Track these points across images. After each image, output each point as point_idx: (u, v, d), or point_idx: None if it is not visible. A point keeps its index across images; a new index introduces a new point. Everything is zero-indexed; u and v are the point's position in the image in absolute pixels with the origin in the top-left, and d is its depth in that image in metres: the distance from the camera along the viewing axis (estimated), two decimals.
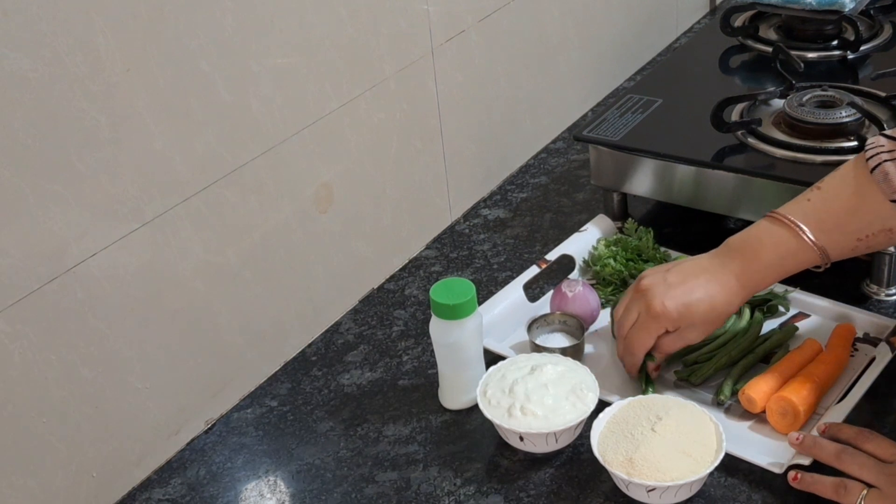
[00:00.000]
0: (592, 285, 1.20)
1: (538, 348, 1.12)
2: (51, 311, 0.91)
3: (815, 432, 0.96)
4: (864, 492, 0.88)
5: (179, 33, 0.95)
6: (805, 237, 0.97)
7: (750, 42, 1.54)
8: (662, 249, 1.23)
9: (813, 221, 0.97)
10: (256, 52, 1.04)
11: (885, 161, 0.94)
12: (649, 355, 1.04)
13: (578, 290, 1.15)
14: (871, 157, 0.95)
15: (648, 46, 1.84)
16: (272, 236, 1.12)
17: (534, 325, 1.15)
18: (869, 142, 0.97)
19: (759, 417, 1.02)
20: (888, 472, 0.89)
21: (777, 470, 0.94)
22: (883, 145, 0.95)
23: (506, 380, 1.03)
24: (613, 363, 1.11)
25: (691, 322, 1.00)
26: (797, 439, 0.95)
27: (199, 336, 1.07)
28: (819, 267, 1.00)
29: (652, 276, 1.03)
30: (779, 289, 1.16)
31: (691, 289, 1.00)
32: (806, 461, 0.94)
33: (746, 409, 1.02)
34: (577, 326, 1.14)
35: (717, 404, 1.04)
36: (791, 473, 0.93)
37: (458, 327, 1.03)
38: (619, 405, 1.00)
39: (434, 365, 1.11)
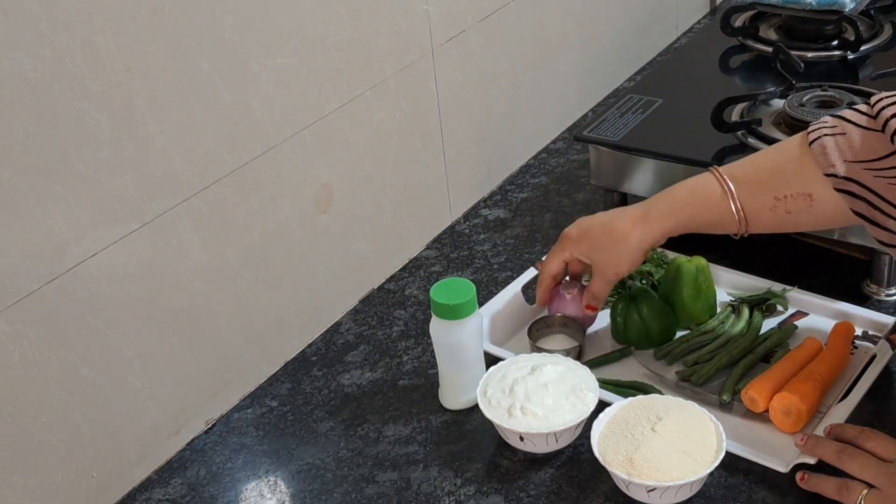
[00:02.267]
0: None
1: (538, 350, 1.12)
2: (51, 311, 0.91)
3: (820, 433, 0.96)
4: (865, 492, 0.88)
5: (179, 33, 0.95)
6: (722, 180, 0.99)
7: (750, 42, 1.54)
8: (659, 250, 1.23)
9: (737, 171, 0.99)
10: (256, 52, 1.04)
11: (825, 135, 0.95)
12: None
13: (576, 293, 1.15)
14: (812, 131, 0.96)
15: (648, 46, 1.84)
16: (272, 236, 1.12)
17: (534, 327, 1.15)
18: (816, 121, 0.98)
19: (762, 417, 1.02)
20: (888, 472, 0.89)
21: (782, 469, 0.94)
22: (826, 121, 0.96)
23: (506, 380, 1.03)
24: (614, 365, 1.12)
25: (589, 244, 1.05)
26: (801, 440, 0.95)
27: (199, 336, 1.07)
28: (737, 235, 1.00)
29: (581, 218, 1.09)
30: (777, 288, 1.16)
31: (599, 216, 1.06)
32: (812, 460, 0.94)
33: (749, 408, 1.02)
34: (578, 328, 1.14)
35: (720, 404, 1.04)
36: (798, 474, 0.93)
37: (458, 327, 1.03)
38: (619, 405, 1.00)
39: (434, 365, 1.11)
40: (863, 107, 0.96)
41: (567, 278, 1.22)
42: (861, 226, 0.95)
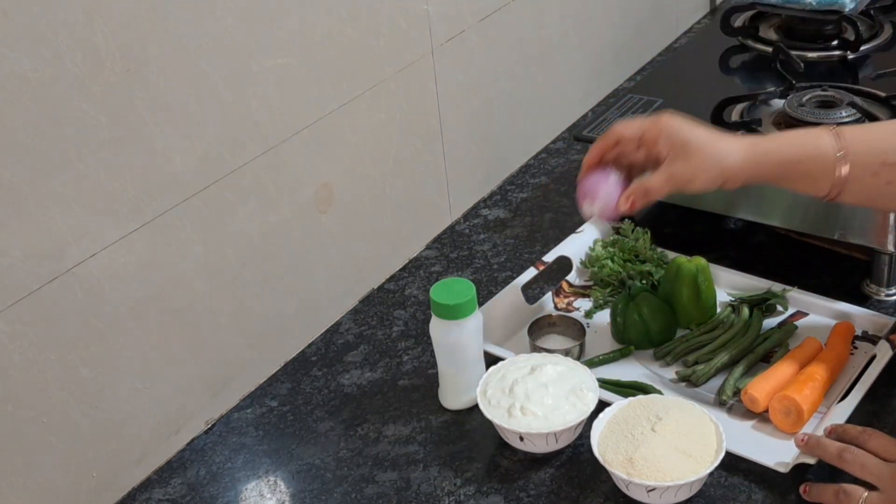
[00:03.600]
0: (590, 287, 1.20)
1: (538, 350, 1.12)
2: (51, 311, 0.91)
3: (820, 433, 0.96)
4: (865, 494, 0.88)
5: (179, 33, 0.95)
6: (839, 136, 0.94)
7: (750, 42, 1.54)
8: (659, 250, 1.23)
9: (854, 131, 0.96)
10: (256, 52, 1.04)
11: None
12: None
13: (616, 178, 1.03)
14: None
15: (648, 46, 1.84)
16: (272, 236, 1.12)
17: (534, 326, 1.15)
18: None
19: (762, 417, 1.02)
20: (890, 473, 0.89)
21: (782, 469, 0.94)
22: None
23: (506, 380, 1.03)
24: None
25: (686, 140, 0.96)
26: (802, 440, 0.95)
27: (199, 336, 1.07)
28: (826, 197, 0.96)
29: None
30: (777, 288, 1.16)
31: (698, 127, 0.98)
32: (812, 461, 0.94)
33: (749, 408, 1.02)
34: (578, 327, 1.14)
35: (720, 404, 1.04)
36: (802, 486, 0.92)
37: (458, 327, 1.03)
38: (619, 405, 1.00)
39: (434, 365, 1.11)
40: None
41: (567, 277, 1.22)
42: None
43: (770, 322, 1.15)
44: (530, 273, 1.22)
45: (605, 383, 1.06)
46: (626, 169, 1.03)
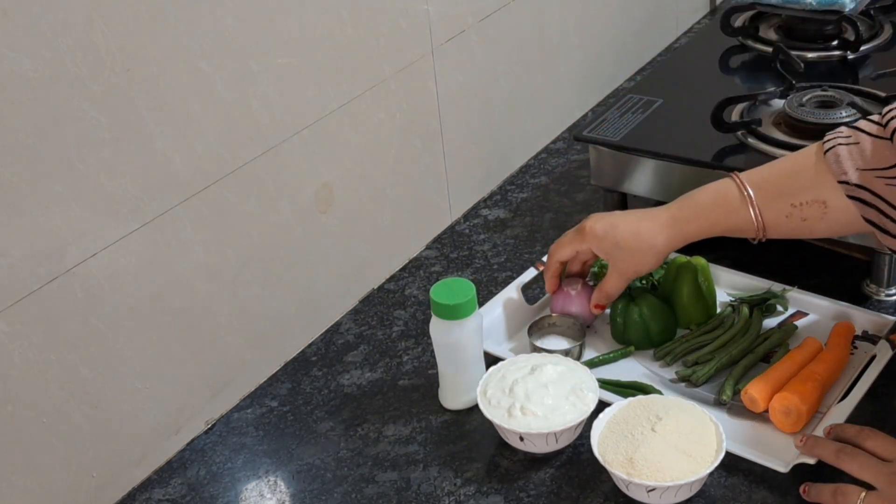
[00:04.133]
0: (592, 286, 1.20)
1: (538, 350, 1.12)
2: (51, 311, 0.91)
3: (820, 433, 0.96)
4: (863, 495, 0.88)
5: (179, 33, 0.95)
6: (743, 188, 1.01)
7: (750, 42, 1.54)
8: None
9: (756, 178, 1.02)
10: (256, 52, 1.04)
11: (840, 144, 0.97)
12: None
13: (579, 289, 1.15)
14: (827, 140, 0.99)
15: (648, 46, 1.84)
16: (272, 236, 1.12)
17: (534, 326, 1.15)
18: (833, 130, 1.01)
19: (762, 417, 1.02)
20: (888, 472, 0.89)
21: (782, 469, 0.94)
22: (842, 131, 0.99)
23: (506, 380, 1.03)
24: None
25: (614, 241, 1.07)
26: (800, 440, 0.95)
27: (199, 336, 1.07)
28: (754, 239, 1.03)
29: (599, 213, 1.11)
30: (777, 288, 1.16)
31: (623, 216, 1.09)
32: (811, 461, 0.94)
33: (749, 408, 1.02)
34: (578, 328, 1.14)
35: (720, 404, 1.04)
36: (802, 487, 0.93)
37: (458, 327, 1.03)
38: (619, 405, 1.00)
39: (434, 365, 1.11)
40: (876, 117, 0.99)
41: (569, 275, 1.22)
42: (872, 234, 0.97)
43: (770, 322, 1.15)
44: (530, 273, 1.22)
45: (605, 383, 1.06)
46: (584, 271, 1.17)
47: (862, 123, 0.99)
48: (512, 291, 1.20)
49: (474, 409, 1.06)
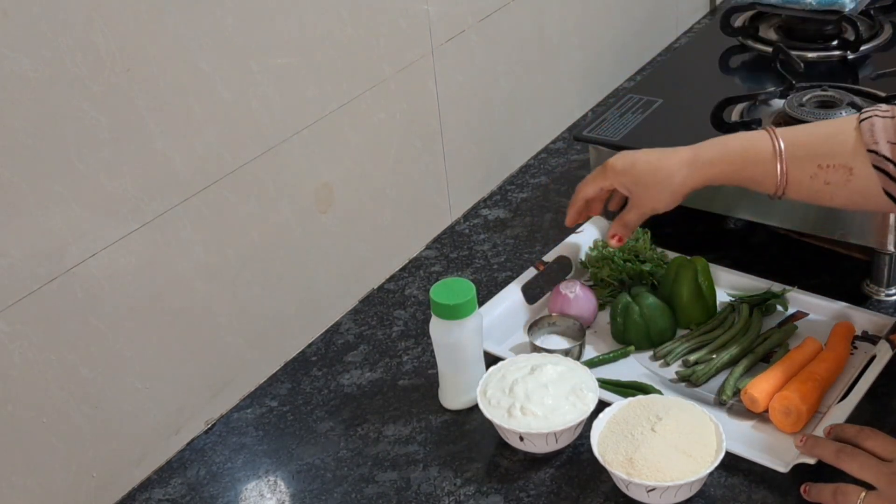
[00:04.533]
0: (590, 286, 1.20)
1: (538, 350, 1.12)
2: (51, 311, 0.91)
3: (820, 433, 0.96)
4: (863, 495, 0.88)
5: (179, 33, 0.95)
6: (775, 138, 1.01)
7: (750, 42, 1.54)
8: (659, 250, 1.23)
9: (789, 135, 1.02)
10: (256, 52, 1.04)
11: (876, 116, 0.98)
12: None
13: (577, 291, 1.15)
14: (866, 111, 1.00)
15: (648, 46, 1.84)
16: (272, 236, 1.12)
17: (534, 326, 1.15)
18: (872, 105, 1.01)
19: (762, 417, 1.02)
20: (888, 472, 0.89)
21: (782, 469, 0.94)
22: (881, 106, 1.00)
23: (506, 380, 1.03)
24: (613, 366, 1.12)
25: (633, 177, 1.08)
26: (800, 440, 0.95)
27: (199, 336, 1.07)
28: (773, 196, 1.03)
29: (623, 152, 1.12)
30: (777, 288, 1.16)
31: (646, 152, 1.09)
32: (811, 461, 0.94)
33: (749, 408, 1.02)
34: (577, 328, 1.14)
35: (720, 404, 1.04)
36: (802, 487, 0.93)
37: (458, 327, 1.03)
38: (619, 405, 1.00)
39: (434, 365, 1.11)
40: None
41: (567, 277, 1.22)
42: (889, 210, 0.99)
43: (770, 322, 1.15)
44: (530, 273, 1.22)
45: (604, 383, 1.06)
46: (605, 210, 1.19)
47: None
48: (512, 291, 1.20)
49: (474, 409, 1.06)
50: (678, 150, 1.07)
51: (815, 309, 1.15)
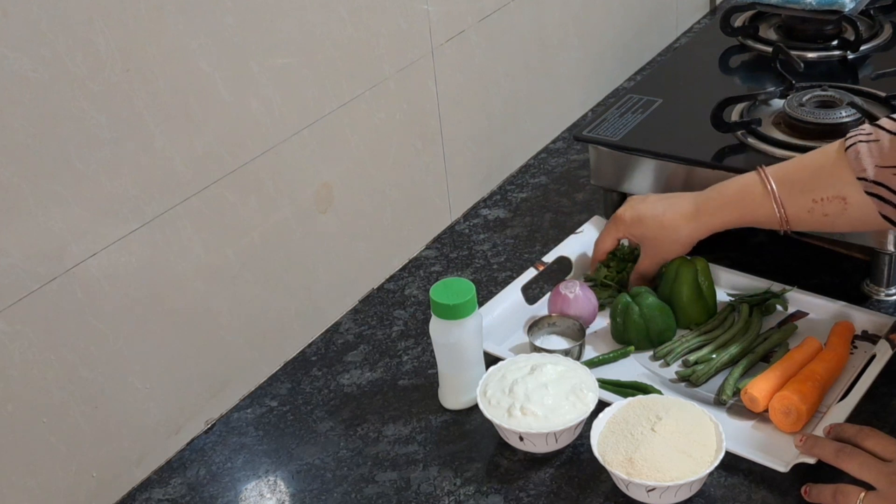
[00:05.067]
0: (590, 286, 1.20)
1: (538, 350, 1.12)
2: (51, 311, 0.91)
3: (820, 432, 0.96)
4: (862, 495, 0.88)
5: (179, 33, 0.95)
6: (767, 182, 1.05)
7: (750, 42, 1.54)
8: None
9: (780, 173, 1.05)
10: (256, 52, 1.04)
11: (860, 142, 0.99)
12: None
13: (577, 292, 1.15)
14: (850, 137, 1.01)
15: (648, 46, 1.84)
16: (272, 236, 1.12)
17: (534, 326, 1.15)
18: (856, 128, 1.03)
19: (762, 416, 1.02)
20: (888, 472, 0.89)
21: (782, 469, 0.94)
22: (864, 129, 1.01)
23: (506, 380, 1.03)
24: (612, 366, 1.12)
25: (642, 232, 1.14)
26: (800, 440, 0.95)
27: (199, 336, 1.07)
28: (782, 231, 1.06)
29: (636, 197, 1.17)
30: (777, 288, 1.16)
31: (652, 204, 1.14)
32: (811, 461, 0.94)
33: (749, 408, 1.02)
34: (577, 328, 1.14)
35: (720, 404, 1.04)
36: (803, 488, 0.93)
37: (458, 327, 1.03)
38: (618, 405, 1.00)
39: (434, 365, 1.11)
40: None
41: (567, 278, 1.23)
42: (889, 230, 1.01)
43: (770, 322, 1.15)
44: (530, 273, 1.22)
45: (604, 383, 1.06)
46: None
47: (884, 121, 1.00)
48: (512, 291, 1.20)
49: (474, 409, 1.06)
50: (681, 202, 1.12)
51: (815, 309, 1.15)
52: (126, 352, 0.99)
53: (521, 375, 1.03)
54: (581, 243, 1.27)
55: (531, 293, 1.22)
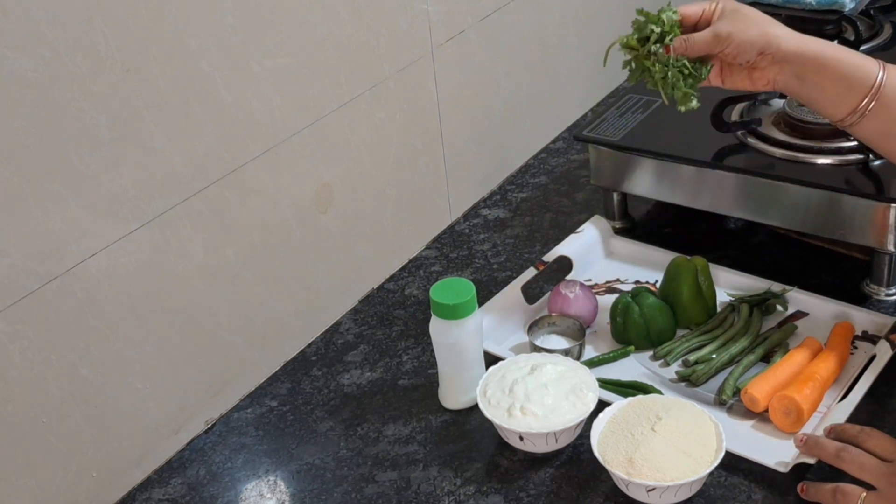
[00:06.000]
0: (590, 285, 1.20)
1: (538, 350, 1.12)
2: (51, 311, 0.91)
3: (820, 433, 0.96)
4: (863, 495, 0.88)
5: (179, 33, 0.95)
6: (881, 63, 0.97)
7: None
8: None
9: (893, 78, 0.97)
10: (256, 52, 1.04)
11: None
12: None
13: (577, 292, 1.15)
14: None
15: None
16: (272, 236, 1.12)
17: (534, 326, 1.15)
18: None
19: (762, 416, 1.02)
20: (888, 472, 0.89)
21: (782, 469, 0.94)
22: None
23: (506, 380, 1.03)
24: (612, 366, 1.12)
25: (734, 10, 1.00)
26: (800, 440, 0.95)
27: (199, 336, 1.07)
28: (846, 116, 0.97)
29: None
30: (777, 288, 1.16)
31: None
32: (811, 460, 0.94)
33: (749, 408, 1.02)
34: (577, 328, 1.14)
35: (720, 404, 1.04)
36: (799, 486, 0.93)
37: (458, 327, 1.03)
38: (619, 405, 1.00)
39: (434, 365, 1.11)
40: None
41: (567, 278, 1.23)
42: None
43: (770, 322, 1.15)
44: (530, 273, 1.22)
45: (604, 383, 1.06)
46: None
47: None
48: (512, 291, 1.20)
49: (474, 409, 1.06)
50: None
51: (815, 309, 1.15)
52: (126, 352, 0.99)
53: (521, 375, 1.03)
54: (581, 243, 1.27)
55: (531, 293, 1.22)
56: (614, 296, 1.17)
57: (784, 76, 1.00)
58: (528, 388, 1.01)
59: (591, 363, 1.11)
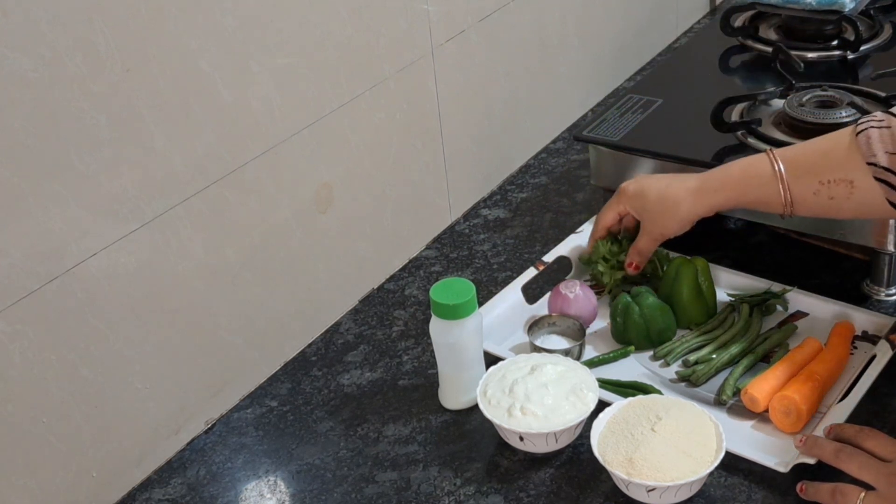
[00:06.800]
0: (590, 285, 1.20)
1: (538, 350, 1.12)
2: (51, 311, 0.91)
3: (820, 433, 0.96)
4: (862, 495, 0.88)
5: (179, 33, 0.95)
6: (775, 162, 1.04)
7: (750, 42, 1.54)
8: (663, 251, 1.22)
9: (788, 154, 1.05)
10: (256, 52, 1.04)
11: (872, 128, 0.99)
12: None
13: (577, 292, 1.15)
14: (861, 122, 1.01)
15: (648, 46, 1.84)
16: (272, 236, 1.12)
17: (534, 326, 1.15)
18: (868, 115, 1.02)
19: (762, 417, 1.02)
20: (887, 472, 0.89)
21: (782, 469, 0.94)
22: (877, 115, 1.01)
23: (506, 380, 1.03)
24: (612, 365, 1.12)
25: (643, 204, 1.13)
26: (800, 440, 0.95)
27: (199, 336, 1.07)
28: (783, 215, 1.05)
29: (644, 174, 1.18)
30: (777, 288, 1.16)
31: (657, 179, 1.14)
32: (811, 460, 0.94)
33: (749, 408, 1.02)
34: (577, 328, 1.14)
35: (720, 404, 1.04)
36: (798, 485, 0.93)
37: (458, 327, 1.03)
38: (619, 405, 1.00)
39: (434, 365, 1.11)
40: None
41: (567, 277, 1.23)
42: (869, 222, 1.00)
43: (770, 322, 1.15)
44: (530, 273, 1.22)
45: (604, 383, 1.06)
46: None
47: None
48: (512, 291, 1.20)
49: (474, 409, 1.06)
50: (687, 178, 1.11)
51: (815, 309, 1.15)
52: (126, 352, 0.99)
53: (521, 375, 1.03)
54: (581, 243, 1.27)
55: (531, 293, 1.22)
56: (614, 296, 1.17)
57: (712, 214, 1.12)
58: (528, 388, 1.01)
59: (591, 363, 1.11)
